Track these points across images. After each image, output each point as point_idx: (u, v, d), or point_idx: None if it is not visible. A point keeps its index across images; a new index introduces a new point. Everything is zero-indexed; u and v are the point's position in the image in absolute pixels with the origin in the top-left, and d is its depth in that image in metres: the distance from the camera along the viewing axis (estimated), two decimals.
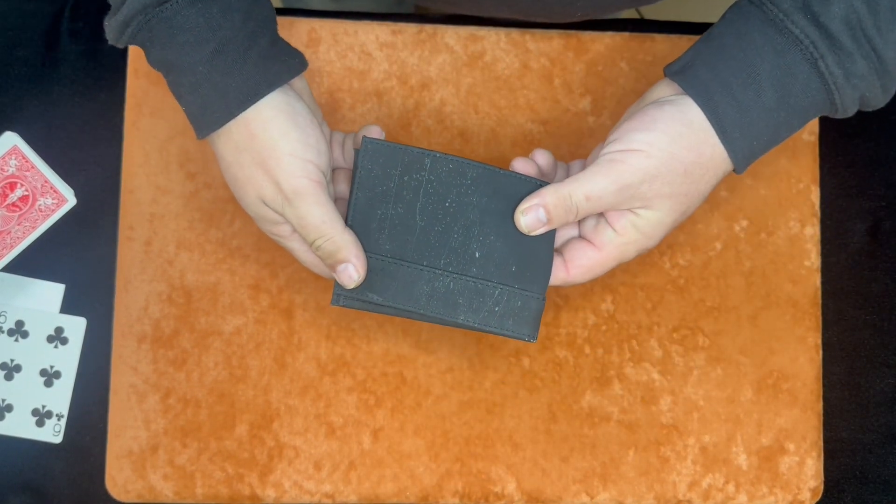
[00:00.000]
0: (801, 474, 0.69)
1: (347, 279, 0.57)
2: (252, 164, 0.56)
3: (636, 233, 0.57)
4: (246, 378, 0.67)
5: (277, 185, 0.55)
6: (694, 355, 0.69)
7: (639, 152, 0.55)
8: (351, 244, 0.57)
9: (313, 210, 0.56)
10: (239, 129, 0.55)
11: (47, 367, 0.67)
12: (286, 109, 0.56)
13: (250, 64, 0.55)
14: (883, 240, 0.72)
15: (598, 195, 0.56)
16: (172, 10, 0.53)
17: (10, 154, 0.66)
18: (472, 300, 0.58)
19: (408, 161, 0.58)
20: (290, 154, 0.55)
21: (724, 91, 0.55)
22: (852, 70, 0.54)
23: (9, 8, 0.69)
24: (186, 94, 0.55)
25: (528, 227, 0.58)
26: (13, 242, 0.66)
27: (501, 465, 0.68)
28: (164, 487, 0.67)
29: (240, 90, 0.55)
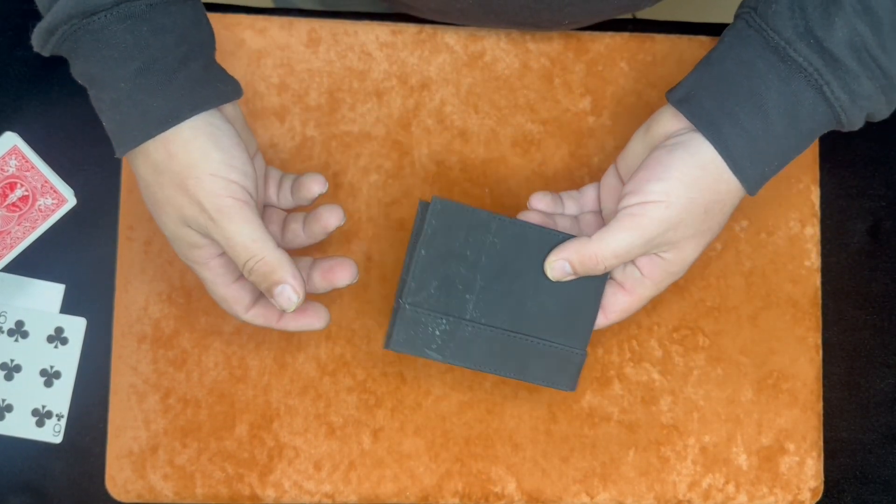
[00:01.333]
0: (801, 474, 0.69)
1: (286, 301, 0.55)
2: (171, 184, 0.54)
3: (664, 273, 0.59)
4: (246, 378, 0.67)
5: (200, 206, 0.53)
6: (694, 355, 0.69)
7: (658, 203, 0.56)
8: (286, 263, 0.54)
9: (242, 229, 0.53)
10: (157, 148, 0.54)
11: (47, 367, 0.67)
12: (208, 130, 0.54)
13: (176, 86, 0.53)
14: (883, 240, 0.72)
15: (625, 251, 0.57)
16: (100, 24, 0.52)
17: (10, 154, 0.66)
18: (522, 356, 0.61)
19: (475, 223, 0.59)
20: (211, 174, 0.53)
21: (731, 122, 0.55)
22: (858, 91, 0.54)
23: (9, 8, 0.69)
24: (107, 110, 0.54)
25: (555, 276, 0.59)
26: (13, 242, 0.66)
27: (501, 465, 0.68)
28: (164, 487, 0.67)
29: (161, 110, 0.53)
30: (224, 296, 0.58)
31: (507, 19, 0.66)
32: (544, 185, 0.69)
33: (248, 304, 0.58)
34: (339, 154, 0.69)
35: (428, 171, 0.69)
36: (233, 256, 0.54)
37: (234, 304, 0.58)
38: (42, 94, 0.69)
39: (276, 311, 0.59)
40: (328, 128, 0.69)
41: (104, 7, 0.51)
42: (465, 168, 0.69)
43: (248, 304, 0.58)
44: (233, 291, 0.58)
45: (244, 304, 0.58)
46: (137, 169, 0.56)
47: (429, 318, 0.59)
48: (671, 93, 0.58)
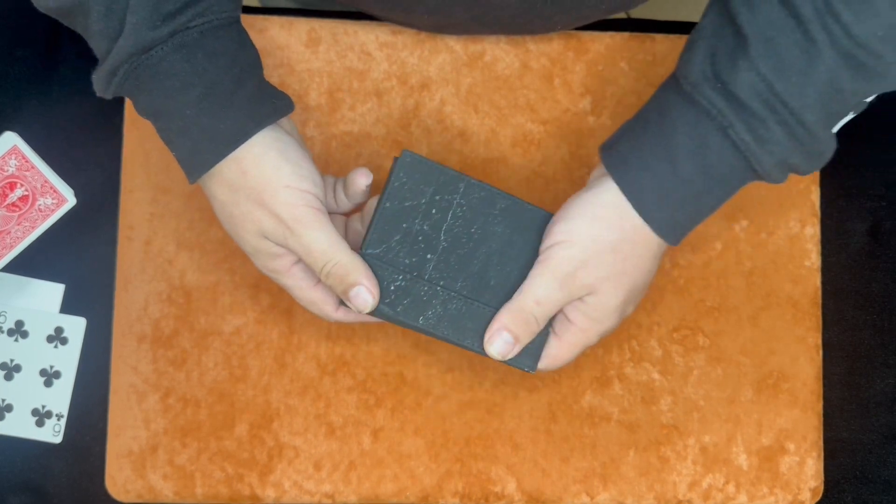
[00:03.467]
0: (802, 474, 0.69)
1: (362, 303, 0.56)
2: (247, 200, 0.56)
3: (588, 320, 0.58)
4: (246, 378, 0.67)
5: (277, 217, 0.55)
6: (694, 355, 0.69)
7: (562, 243, 0.57)
8: (361, 266, 0.56)
9: (318, 236, 0.56)
10: (230, 168, 0.55)
11: (47, 367, 0.67)
12: (276, 145, 0.56)
13: (237, 106, 0.55)
14: (883, 240, 0.72)
15: (544, 296, 0.57)
16: (158, 58, 0.53)
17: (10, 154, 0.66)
18: (480, 326, 0.59)
19: (442, 181, 0.58)
20: (285, 186, 0.55)
21: (639, 165, 0.56)
22: (766, 136, 0.53)
23: (9, 8, 0.69)
24: (176, 139, 0.55)
25: (502, 354, 0.58)
26: (13, 242, 0.66)
27: (501, 465, 0.68)
28: (163, 487, 0.67)
29: (228, 131, 0.54)
30: (311, 299, 0.59)
31: (500, 29, 0.67)
32: (544, 185, 0.69)
33: (336, 302, 0.60)
34: (339, 154, 0.69)
35: None
36: (310, 263, 0.56)
37: (323, 304, 0.60)
38: (42, 94, 0.69)
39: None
40: (328, 128, 0.69)
41: (160, 40, 0.53)
42: (465, 168, 0.69)
43: (336, 302, 0.60)
44: (318, 293, 0.59)
45: (332, 304, 0.60)
46: (211, 190, 0.57)
47: (386, 272, 0.57)
48: (603, 143, 0.59)
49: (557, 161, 0.70)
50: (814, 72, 0.52)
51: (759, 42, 0.52)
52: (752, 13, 0.53)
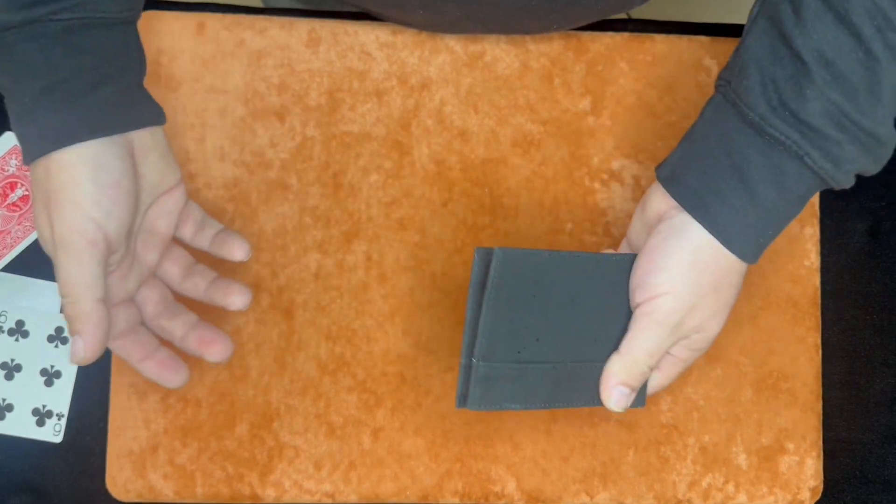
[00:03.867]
0: (801, 474, 0.69)
1: (73, 354, 0.54)
2: (40, 201, 0.54)
3: (691, 352, 0.60)
4: (246, 378, 0.67)
5: (52, 229, 0.53)
6: None
7: (665, 295, 0.57)
8: (94, 319, 0.53)
9: (75, 268, 0.53)
10: (39, 167, 0.54)
11: (47, 366, 0.67)
12: (92, 162, 0.53)
13: (81, 107, 0.52)
14: (883, 240, 0.72)
15: (656, 348, 0.58)
16: (12, 40, 0.52)
17: (11, 154, 0.66)
18: (588, 383, 0.60)
19: (537, 266, 0.57)
20: (72, 202, 0.52)
21: (719, 201, 0.55)
22: (841, 157, 0.54)
23: None
24: (13, 121, 0.54)
25: (621, 407, 0.59)
26: (13, 242, 0.66)
27: (501, 464, 0.68)
28: (164, 487, 0.67)
29: (57, 131, 0.52)
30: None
31: (496, 29, 0.67)
32: (544, 186, 0.69)
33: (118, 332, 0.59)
34: (339, 154, 0.69)
35: (428, 171, 0.69)
36: (58, 285, 0.54)
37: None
38: None
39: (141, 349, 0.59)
40: (328, 128, 0.69)
41: (14, 25, 0.52)
42: (464, 168, 0.69)
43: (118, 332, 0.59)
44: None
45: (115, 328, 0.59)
46: (31, 177, 0.55)
47: (500, 369, 0.57)
48: (659, 169, 0.59)
49: (557, 161, 0.70)
50: (881, 90, 0.52)
51: (821, 66, 0.52)
52: (807, 35, 0.52)
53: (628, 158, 0.70)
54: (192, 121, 0.68)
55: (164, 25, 0.69)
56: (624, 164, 0.70)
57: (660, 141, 0.70)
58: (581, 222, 0.69)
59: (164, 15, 0.69)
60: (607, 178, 0.70)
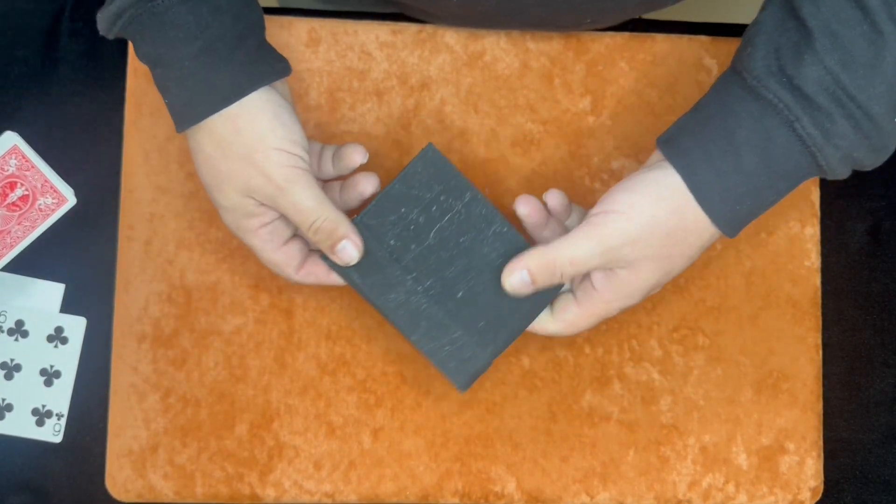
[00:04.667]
0: (801, 474, 0.69)
1: (347, 257, 0.59)
2: (237, 157, 0.57)
3: (616, 293, 0.58)
4: (246, 378, 0.67)
5: (267, 177, 0.57)
6: (694, 355, 0.69)
7: (620, 214, 0.56)
8: (346, 221, 0.59)
9: (308, 194, 0.57)
10: (224, 124, 0.56)
11: (47, 366, 0.67)
12: (270, 107, 0.57)
13: (237, 63, 0.56)
14: (883, 240, 0.72)
15: (581, 259, 0.57)
16: (164, 7, 0.54)
17: (10, 154, 0.66)
18: (431, 329, 0.61)
19: (452, 184, 0.60)
20: (276, 148, 0.57)
21: (703, 158, 0.55)
22: (832, 130, 0.53)
23: (9, 8, 0.69)
24: (173, 88, 0.56)
25: (514, 289, 0.59)
26: (13, 242, 0.66)
27: (501, 464, 0.68)
28: (164, 487, 0.67)
29: (225, 86, 0.56)
30: (274, 260, 0.61)
31: (529, 22, 0.67)
32: (544, 185, 0.69)
33: (297, 265, 0.61)
34: None
35: None
36: (298, 220, 0.58)
37: (285, 266, 0.61)
38: (42, 94, 0.69)
39: (324, 267, 0.61)
40: (328, 127, 0.69)
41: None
42: (465, 168, 0.69)
43: (297, 265, 0.61)
44: (282, 255, 0.60)
45: (294, 266, 0.61)
46: (199, 143, 0.58)
47: (370, 244, 0.60)
48: (660, 136, 0.59)
49: (557, 161, 0.70)
50: (881, 64, 0.52)
51: (824, 35, 0.52)
52: (816, 6, 0.53)
53: (628, 158, 0.70)
54: None
55: None
56: (624, 164, 0.70)
57: None
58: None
59: None
60: (607, 178, 0.70)
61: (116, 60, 0.69)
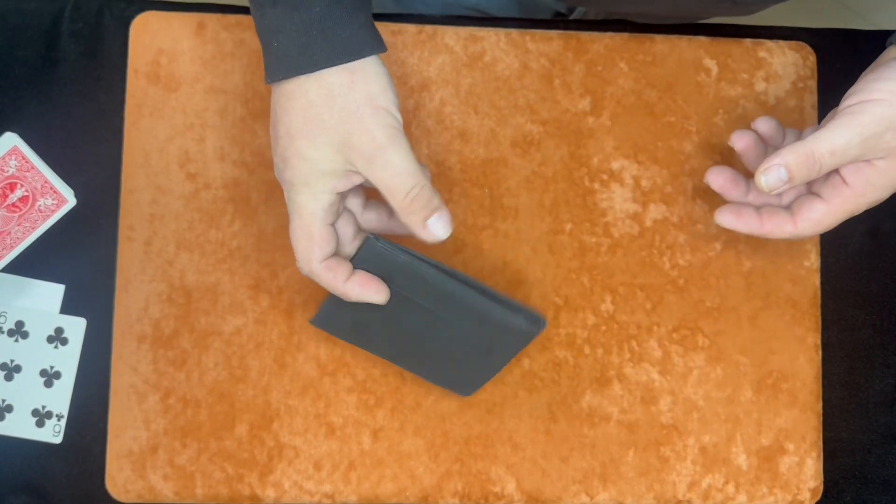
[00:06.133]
0: (801, 474, 0.69)
1: (441, 231, 0.57)
2: (345, 109, 0.55)
3: (869, 185, 0.56)
4: (246, 378, 0.67)
5: (371, 134, 0.55)
6: (694, 355, 0.69)
7: (880, 101, 0.54)
8: (438, 195, 0.58)
9: (408, 157, 0.56)
10: (340, 76, 0.55)
11: (47, 367, 0.67)
12: (385, 72, 0.57)
13: (359, 23, 0.56)
14: (882, 240, 0.72)
15: (842, 149, 0.55)
16: None
17: (10, 154, 0.66)
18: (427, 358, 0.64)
19: (400, 265, 0.60)
20: (386, 109, 0.56)
21: None
22: None
23: (9, 8, 0.69)
24: (290, 30, 0.55)
25: (770, 187, 0.57)
26: (13, 243, 0.66)
27: (501, 465, 0.68)
28: (164, 487, 0.67)
29: (349, 41, 0.55)
30: (315, 235, 0.57)
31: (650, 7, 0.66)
32: (544, 186, 0.69)
33: (327, 253, 0.58)
34: None
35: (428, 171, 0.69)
36: (393, 185, 0.56)
37: (318, 247, 0.58)
38: (42, 94, 0.69)
39: (345, 270, 0.59)
40: None
41: None
42: (464, 168, 0.69)
43: (327, 253, 0.58)
44: (324, 233, 0.58)
45: (324, 252, 0.58)
46: (301, 89, 0.56)
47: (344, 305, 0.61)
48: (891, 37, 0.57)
49: (557, 161, 0.70)
50: None
51: None
52: None
53: (628, 158, 0.70)
54: (192, 121, 0.68)
55: (164, 25, 0.69)
56: (624, 165, 0.70)
57: (659, 141, 0.70)
58: (581, 223, 0.69)
59: (164, 15, 0.69)
60: (607, 178, 0.70)
61: (116, 60, 0.69)
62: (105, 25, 0.69)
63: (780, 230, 0.59)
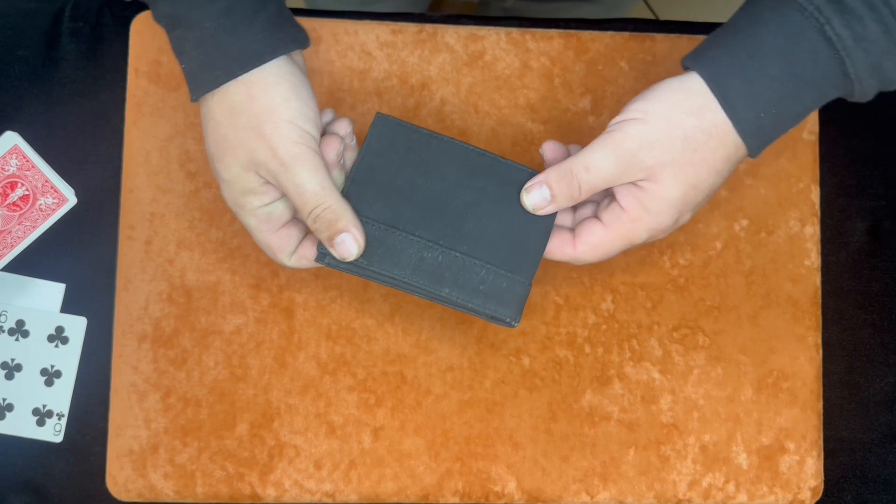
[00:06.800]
0: (801, 473, 0.69)
1: (346, 252, 0.56)
2: (246, 127, 0.55)
3: (641, 209, 0.56)
4: (246, 377, 0.67)
5: (273, 151, 0.54)
6: (694, 354, 0.69)
7: (635, 120, 0.55)
8: (349, 213, 0.56)
9: (312, 176, 0.55)
10: (238, 90, 0.55)
11: (48, 366, 0.67)
12: (289, 78, 0.55)
13: (257, 28, 0.54)
14: (883, 239, 0.72)
15: (596, 165, 0.55)
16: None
17: (11, 154, 0.66)
18: (458, 275, 0.58)
19: (416, 139, 0.58)
20: (289, 121, 0.54)
21: (729, 62, 0.54)
22: (862, 34, 0.52)
23: (9, 8, 0.69)
24: (190, 50, 0.55)
25: (534, 206, 0.57)
26: (14, 242, 0.66)
27: (502, 464, 0.68)
28: (164, 486, 0.67)
29: (244, 51, 0.54)
30: (269, 242, 0.58)
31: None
32: None
33: (292, 251, 0.59)
34: None
35: None
36: (299, 204, 0.55)
37: (279, 251, 0.59)
38: (42, 94, 0.69)
39: (314, 250, 0.59)
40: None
41: None
42: None
43: (292, 251, 0.59)
44: (277, 239, 0.58)
45: (287, 252, 0.59)
46: (210, 109, 0.56)
47: (366, 224, 0.57)
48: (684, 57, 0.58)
49: None
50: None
51: None
52: None
53: None
54: (193, 120, 0.68)
55: None
56: None
57: None
58: None
59: None
60: None
61: (116, 60, 0.69)
62: (105, 25, 0.69)
63: (560, 251, 0.59)
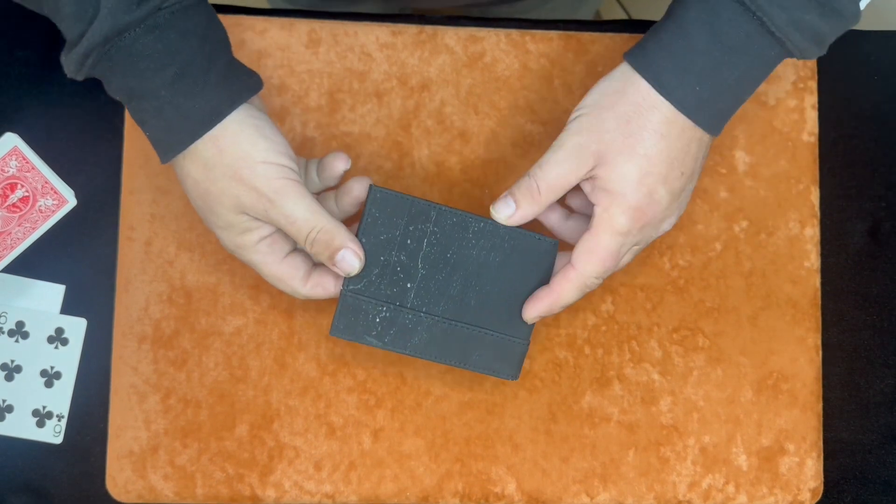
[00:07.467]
0: (801, 475, 0.69)
1: (349, 266, 0.58)
2: (224, 177, 0.56)
3: (606, 194, 0.58)
4: (246, 378, 0.67)
5: (257, 191, 0.56)
6: (694, 356, 0.69)
7: (576, 118, 0.58)
8: (343, 230, 0.58)
9: (299, 204, 0.57)
10: (206, 146, 0.56)
11: (48, 367, 0.67)
12: (250, 122, 0.57)
13: (211, 85, 0.55)
14: (883, 240, 0.72)
15: (547, 161, 0.58)
16: (131, 39, 0.53)
17: (11, 155, 0.66)
18: (463, 346, 0.61)
19: (414, 212, 0.59)
20: (263, 161, 0.56)
21: (655, 45, 0.57)
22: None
23: (9, 8, 0.69)
24: (150, 119, 0.56)
25: (506, 217, 0.59)
26: (13, 243, 0.66)
27: (501, 465, 0.68)
28: (164, 488, 0.67)
29: (203, 111, 0.55)
30: (278, 273, 0.60)
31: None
32: None
33: (303, 276, 0.60)
34: None
35: (428, 171, 0.69)
36: (293, 232, 0.57)
37: (290, 279, 0.60)
38: (42, 95, 0.69)
39: (332, 278, 0.60)
40: (328, 129, 0.69)
41: (135, 23, 0.53)
42: (464, 169, 0.69)
43: (303, 276, 0.60)
44: (285, 267, 0.60)
45: (299, 277, 0.60)
46: (185, 169, 0.57)
47: (369, 305, 0.59)
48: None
49: None
50: None
51: None
52: None
53: None
54: None
55: None
56: None
57: None
58: None
59: None
60: None
61: None
62: None
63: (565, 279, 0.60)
